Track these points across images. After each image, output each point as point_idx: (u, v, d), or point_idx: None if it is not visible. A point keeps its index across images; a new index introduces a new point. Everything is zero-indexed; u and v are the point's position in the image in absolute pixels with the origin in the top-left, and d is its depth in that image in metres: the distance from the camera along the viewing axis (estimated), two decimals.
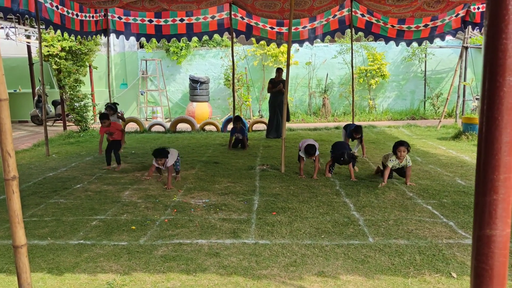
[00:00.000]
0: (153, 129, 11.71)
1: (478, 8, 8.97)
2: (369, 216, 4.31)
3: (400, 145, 5.45)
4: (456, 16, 9.41)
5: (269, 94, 10.20)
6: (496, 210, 1.14)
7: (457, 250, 3.43)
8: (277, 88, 9.72)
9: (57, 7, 7.72)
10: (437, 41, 11.10)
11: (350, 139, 7.49)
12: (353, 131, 7.22)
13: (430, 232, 3.82)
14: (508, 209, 1.16)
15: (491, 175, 1.14)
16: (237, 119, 8.58)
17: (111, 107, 8.50)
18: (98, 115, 7.48)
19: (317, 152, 5.94)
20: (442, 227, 3.97)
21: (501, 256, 1.17)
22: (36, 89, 13.33)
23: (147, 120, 14.29)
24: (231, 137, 8.54)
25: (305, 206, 4.67)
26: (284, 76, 9.93)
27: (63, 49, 11.16)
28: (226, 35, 10.16)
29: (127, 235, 3.89)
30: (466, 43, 11.04)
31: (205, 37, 10.04)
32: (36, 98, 13.17)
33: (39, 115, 13.03)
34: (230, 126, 10.97)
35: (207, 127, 11.74)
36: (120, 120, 8.75)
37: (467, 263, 3.19)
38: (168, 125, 11.73)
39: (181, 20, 9.56)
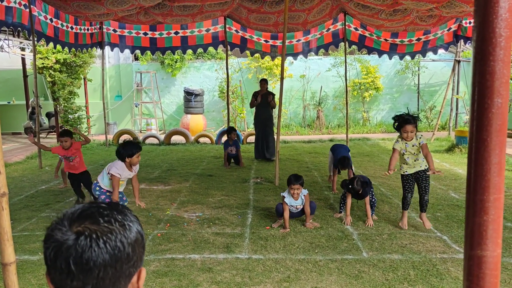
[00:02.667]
0: (147, 141, 11.68)
1: (470, 23, 9.10)
2: (363, 230, 4.29)
3: (406, 123, 4.08)
4: (448, 30, 9.54)
5: (254, 110, 8.78)
6: (486, 231, 1.14)
7: (451, 265, 3.42)
8: (258, 100, 8.36)
9: (51, 19, 7.74)
10: (430, 54, 11.23)
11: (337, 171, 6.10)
12: (339, 164, 5.84)
13: (424, 247, 3.81)
14: (498, 230, 1.16)
15: (481, 196, 1.14)
16: (230, 130, 8.10)
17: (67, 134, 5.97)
18: (60, 132, 5.71)
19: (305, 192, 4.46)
20: (436, 241, 3.96)
21: (492, 277, 1.17)
22: (30, 101, 13.27)
23: (141, 132, 14.25)
24: (225, 152, 8.00)
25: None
26: (278, 90, 9.92)
27: (57, 61, 11.15)
28: (220, 48, 10.22)
29: None
30: (459, 56, 11.18)
31: (200, 50, 10.08)
32: (30, 110, 13.10)
33: (33, 127, 12.96)
34: (224, 138, 10.97)
35: (201, 139, 11.72)
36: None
37: (461, 278, 3.18)
38: (162, 137, 11.70)
39: (176, 33, 9.61)
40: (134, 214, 0.91)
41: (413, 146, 4.19)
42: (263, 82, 8.54)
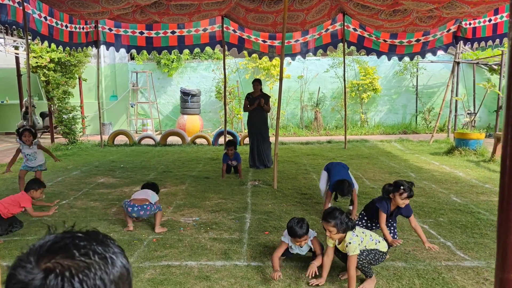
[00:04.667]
0: (143, 142, 11.52)
1: (470, 24, 9.02)
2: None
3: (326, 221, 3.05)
4: (447, 31, 9.46)
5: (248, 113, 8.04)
6: None
7: (457, 273, 3.30)
8: (255, 104, 7.64)
9: (45, 18, 7.58)
10: (429, 56, 11.15)
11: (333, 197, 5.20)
12: (338, 190, 4.67)
13: (428, 254, 3.69)
14: None
15: None
16: (229, 144, 7.10)
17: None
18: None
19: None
20: (440, 248, 3.83)
21: None
22: (24, 100, 13.08)
23: (137, 133, 14.09)
24: (223, 164, 7.09)
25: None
26: (276, 90, 9.78)
27: (52, 61, 10.98)
28: (218, 48, 10.07)
29: None
30: (458, 58, 11.10)
31: (197, 50, 9.94)
32: (23, 109, 12.91)
33: (27, 126, 12.76)
34: (221, 140, 10.85)
35: (198, 141, 11.58)
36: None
37: None
38: (158, 138, 11.55)
39: (173, 32, 9.48)
40: (118, 245, 0.75)
41: (345, 247, 3.05)
42: (257, 83, 7.77)
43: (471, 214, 4.79)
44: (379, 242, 3.16)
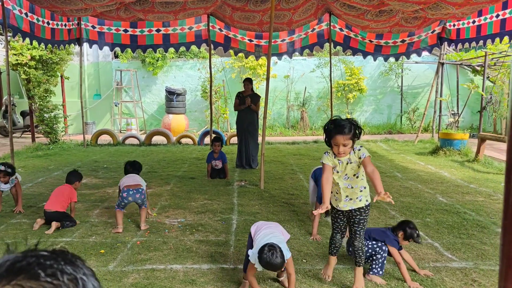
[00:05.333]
0: (127, 141, 11.34)
1: (454, 25, 9.10)
2: None
3: (337, 133, 2.82)
4: (432, 32, 9.53)
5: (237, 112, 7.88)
6: None
7: (445, 274, 3.28)
8: (246, 104, 7.52)
9: (26, 14, 7.37)
10: (414, 56, 11.22)
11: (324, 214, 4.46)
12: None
13: (416, 255, 3.68)
14: None
15: None
16: (216, 140, 6.80)
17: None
18: None
19: (287, 255, 2.81)
20: (427, 248, 3.83)
21: None
22: (4, 99, 12.75)
23: (121, 132, 13.87)
24: (208, 165, 6.84)
25: (286, 226, 4.46)
26: (262, 90, 9.72)
27: (32, 58, 10.71)
28: (203, 46, 9.96)
29: (95, 260, 3.59)
30: (442, 59, 11.20)
31: (182, 48, 9.80)
32: (3, 108, 12.59)
33: (6, 126, 12.44)
34: (207, 140, 10.73)
35: (183, 140, 11.45)
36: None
37: None
38: (143, 137, 11.37)
39: (158, 30, 9.33)
40: (88, 266, 0.65)
41: (348, 163, 2.93)
42: (247, 82, 7.65)
43: (457, 215, 4.80)
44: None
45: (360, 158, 2.89)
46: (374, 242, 3.26)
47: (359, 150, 2.91)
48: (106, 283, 3.16)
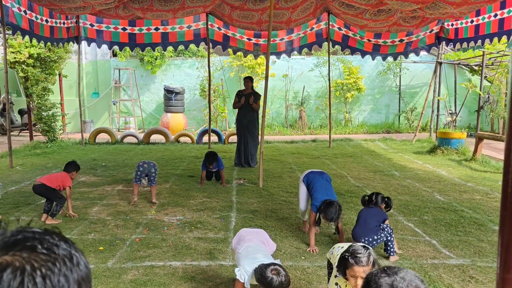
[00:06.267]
0: (126, 140, 11.33)
1: (452, 25, 9.13)
2: (350, 235, 4.14)
3: (356, 264, 2.18)
4: (430, 32, 9.56)
5: (236, 110, 7.86)
6: None
7: (443, 271, 3.30)
8: (241, 101, 7.54)
9: (25, 12, 7.36)
10: (412, 56, 11.26)
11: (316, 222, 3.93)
12: (324, 214, 3.67)
13: (414, 252, 3.70)
14: None
15: None
16: (213, 161, 6.07)
17: None
18: None
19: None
20: (425, 246, 3.85)
21: None
22: (1, 97, 12.73)
23: (119, 131, 13.86)
24: (202, 173, 6.30)
25: (284, 223, 4.49)
26: (261, 88, 9.72)
27: (30, 56, 10.68)
28: (202, 45, 9.96)
29: (94, 257, 3.59)
30: (440, 58, 11.24)
31: (181, 47, 9.80)
32: (0, 106, 12.57)
33: (4, 124, 12.42)
34: (205, 138, 10.74)
35: (182, 139, 11.45)
36: None
37: (454, 286, 3.06)
38: (141, 136, 11.37)
39: (156, 29, 9.33)
40: (76, 247, 0.66)
41: None
42: (248, 80, 7.67)
43: (454, 212, 4.83)
44: None
45: None
46: (382, 230, 3.58)
47: None
48: (105, 279, 3.17)
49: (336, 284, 2.47)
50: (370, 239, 3.55)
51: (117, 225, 4.44)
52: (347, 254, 2.25)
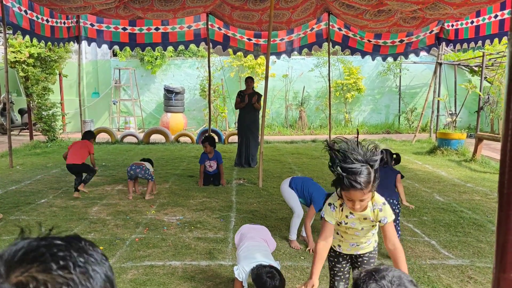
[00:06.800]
0: (125, 140, 11.34)
1: (452, 26, 9.14)
2: None
3: (351, 187, 1.94)
4: (430, 32, 9.56)
5: (237, 111, 7.96)
6: None
7: (442, 271, 3.31)
8: (245, 100, 7.59)
9: (26, 11, 7.36)
10: (412, 56, 11.27)
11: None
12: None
13: (413, 252, 3.71)
14: None
15: None
16: (205, 140, 6.15)
17: None
18: None
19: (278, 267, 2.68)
20: (424, 246, 3.86)
21: None
22: (2, 96, 12.74)
23: (119, 131, 13.87)
24: (201, 168, 6.24)
25: (283, 224, 4.49)
26: (261, 89, 9.73)
27: (31, 56, 10.69)
28: (202, 45, 9.96)
29: None
30: (440, 59, 11.24)
31: (181, 47, 9.79)
32: (1, 106, 12.58)
33: (4, 123, 12.43)
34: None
35: (181, 139, 11.46)
36: None
37: (452, 286, 3.07)
38: (141, 136, 11.38)
39: (157, 29, 9.33)
40: (102, 253, 0.66)
41: (362, 220, 2.17)
42: (249, 80, 7.76)
43: (454, 213, 4.83)
44: None
45: (380, 221, 2.14)
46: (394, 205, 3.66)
47: (381, 210, 2.11)
48: None
49: (330, 204, 2.17)
50: (388, 198, 3.22)
51: (117, 224, 4.45)
52: (343, 172, 1.91)
